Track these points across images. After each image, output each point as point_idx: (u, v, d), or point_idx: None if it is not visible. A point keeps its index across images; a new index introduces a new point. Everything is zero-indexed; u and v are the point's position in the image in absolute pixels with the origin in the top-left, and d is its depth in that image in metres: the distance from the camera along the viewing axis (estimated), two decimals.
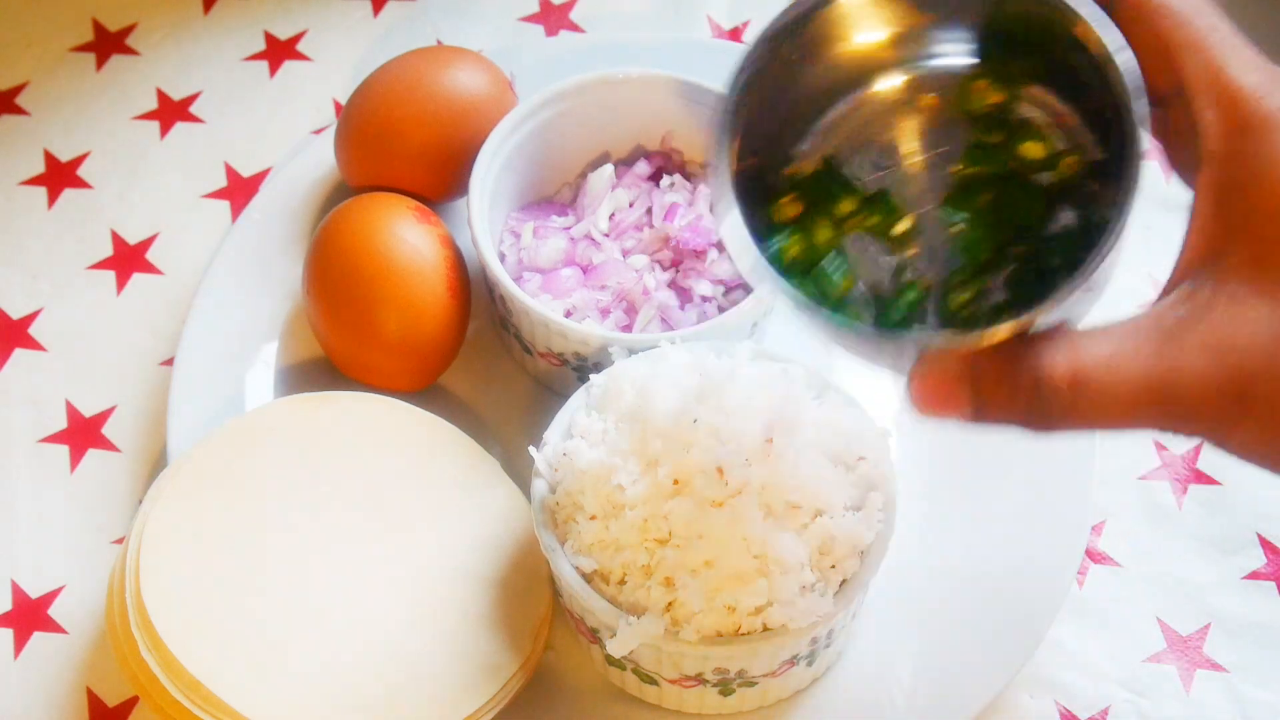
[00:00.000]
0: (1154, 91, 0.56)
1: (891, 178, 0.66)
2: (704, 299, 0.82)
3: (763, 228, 0.64)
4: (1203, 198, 0.56)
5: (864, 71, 0.66)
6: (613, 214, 0.84)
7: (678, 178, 0.85)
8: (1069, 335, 0.56)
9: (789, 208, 0.66)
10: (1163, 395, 0.55)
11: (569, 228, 0.84)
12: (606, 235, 0.84)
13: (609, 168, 0.85)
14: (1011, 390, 0.56)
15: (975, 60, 0.65)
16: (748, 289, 0.82)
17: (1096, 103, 0.61)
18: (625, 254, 0.83)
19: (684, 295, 0.83)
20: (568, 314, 0.81)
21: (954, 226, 0.64)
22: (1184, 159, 0.58)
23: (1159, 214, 0.92)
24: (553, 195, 0.88)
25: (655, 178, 0.86)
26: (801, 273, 0.63)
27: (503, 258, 0.84)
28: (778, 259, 0.63)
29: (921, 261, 0.65)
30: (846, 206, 0.66)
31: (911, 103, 0.66)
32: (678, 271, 0.83)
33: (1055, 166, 0.64)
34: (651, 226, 0.84)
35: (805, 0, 0.63)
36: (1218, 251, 0.55)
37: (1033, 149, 0.64)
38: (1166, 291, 0.57)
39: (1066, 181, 0.63)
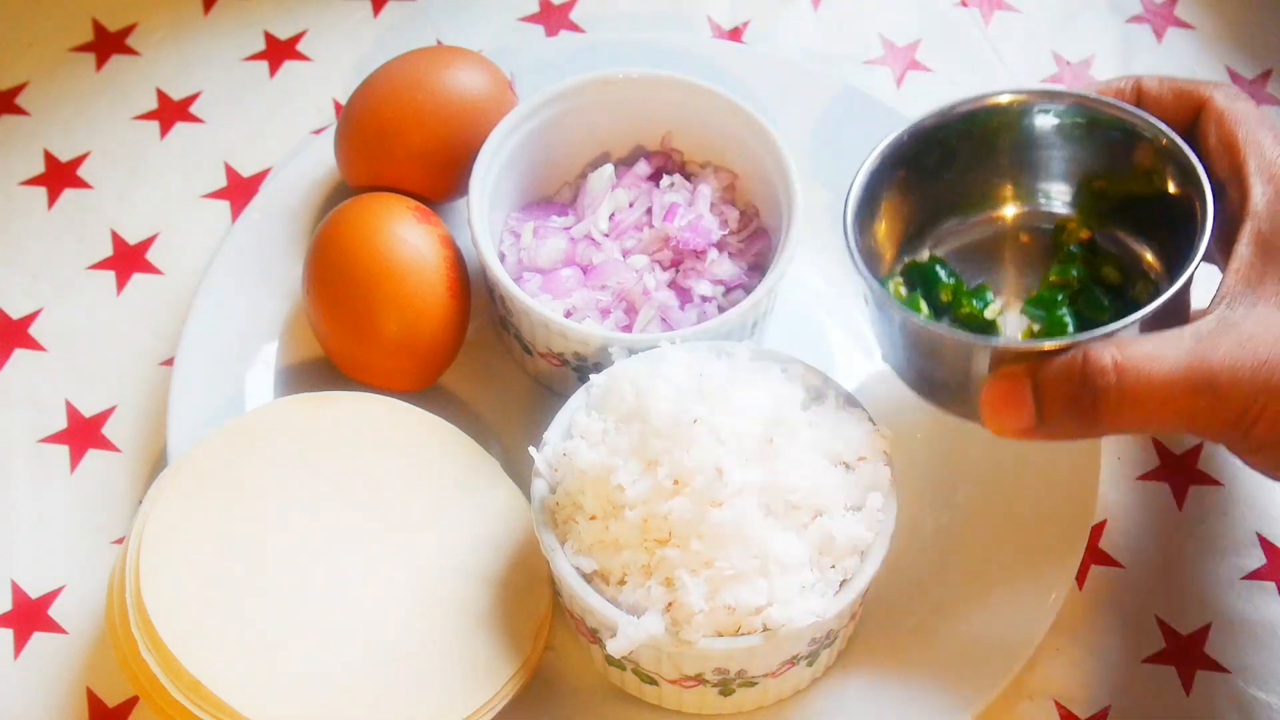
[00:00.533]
0: (1217, 173, 0.72)
1: (987, 279, 0.79)
2: (704, 299, 0.82)
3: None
4: (1245, 244, 0.68)
5: (980, 198, 0.81)
6: (613, 214, 0.84)
7: (678, 178, 0.85)
8: (1117, 338, 0.67)
9: (898, 288, 0.79)
10: (1196, 383, 0.65)
11: (569, 228, 0.84)
12: (606, 235, 0.84)
13: (609, 168, 0.85)
14: (1066, 385, 0.67)
15: (1069, 207, 0.80)
16: (748, 289, 0.82)
17: (1165, 243, 0.76)
18: (625, 254, 0.83)
19: (684, 295, 0.83)
20: (568, 314, 0.81)
21: (1035, 324, 0.77)
22: (1225, 230, 0.70)
23: None
24: (553, 195, 0.88)
25: (655, 178, 0.86)
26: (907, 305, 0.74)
27: (503, 258, 0.84)
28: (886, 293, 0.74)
29: None
30: (945, 295, 0.78)
31: (1015, 231, 0.81)
32: (678, 271, 0.83)
33: (1127, 293, 0.77)
34: (651, 226, 0.84)
35: (944, 112, 0.77)
36: (1253, 285, 0.67)
37: (1111, 274, 0.78)
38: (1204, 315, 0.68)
39: (1134, 304, 0.74)
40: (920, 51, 0.98)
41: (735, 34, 0.99)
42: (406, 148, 0.84)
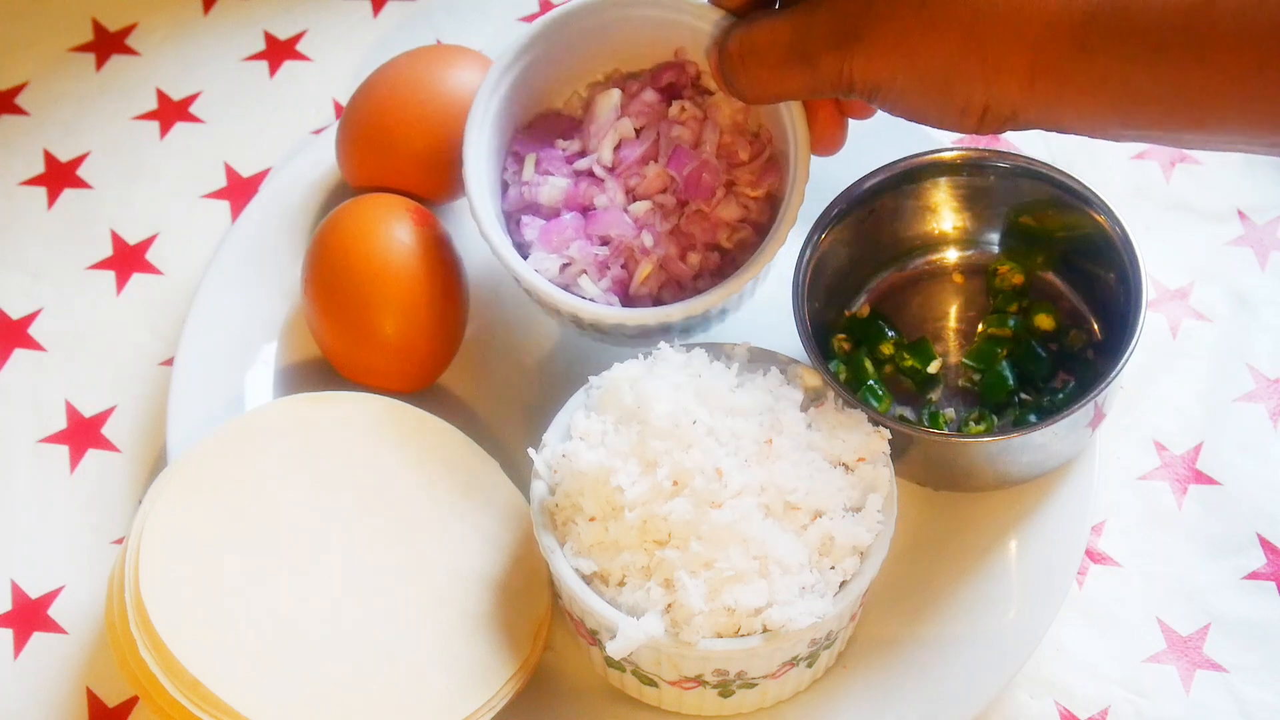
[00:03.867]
0: None
1: (927, 331, 0.83)
2: (707, 246, 0.81)
3: (824, 350, 0.79)
4: None
5: (916, 247, 0.84)
6: (618, 145, 0.81)
7: (688, 104, 0.81)
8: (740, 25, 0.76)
9: (843, 343, 0.82)
10: (800, 42, 0.72)
11: (572, 158, 0.82)
12: (611, 170, 0.81)
13: (615, 93, 0.82)
14: (715, 58, 0.77)
15: (1002, 250, 0.83)
16: (756, 226, 0.80)
17: (1100, 292, 0.80)
18: (629, 192, 0.81)
19: (687, 241, 0.80)
20: (564, 266, 0.80)
21: (975, 374, 0.81)
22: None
23: (1159, 213, 0.92)
24: (560, 107, 0.84)
25: (667, 95, 0.82)
26: (851, 391, 0.77)
27: (505, 187, 0.82)
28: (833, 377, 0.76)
29: (944, 400, 0.81)
30: (887, 349, 0.82)
31: (950, 277, 0.84)
32: (682, 215, 0.81)
33: (1062, 338, 0.81)
34: (657, 161, 0.81)
35: (878, 175, 0.80)
36: None
37: (1045, 321, 0.81)
38: None
39: (1069, 350, 0.81)
40: None
41: None
42: (409, 149, 0.84)
